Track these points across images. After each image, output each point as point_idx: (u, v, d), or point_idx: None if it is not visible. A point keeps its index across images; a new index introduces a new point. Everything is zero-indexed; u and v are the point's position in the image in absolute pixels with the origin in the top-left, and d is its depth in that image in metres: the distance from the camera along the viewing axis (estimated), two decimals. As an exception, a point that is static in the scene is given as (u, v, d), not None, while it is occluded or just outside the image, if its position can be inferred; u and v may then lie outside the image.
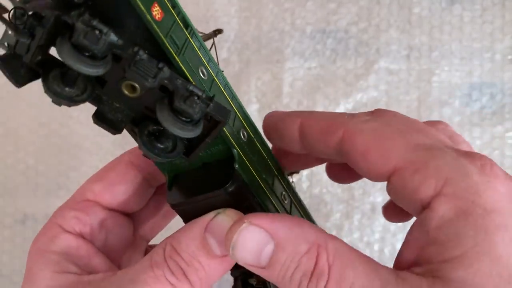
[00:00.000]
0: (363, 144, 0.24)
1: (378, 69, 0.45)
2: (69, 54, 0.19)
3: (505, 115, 0.45)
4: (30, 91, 0.46)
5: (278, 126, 0.28)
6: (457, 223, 0.20)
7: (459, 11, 0.45)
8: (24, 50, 0.20)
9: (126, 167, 0.29)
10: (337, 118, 0.26)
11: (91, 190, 0.28)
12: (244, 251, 0.23)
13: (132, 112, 0.23)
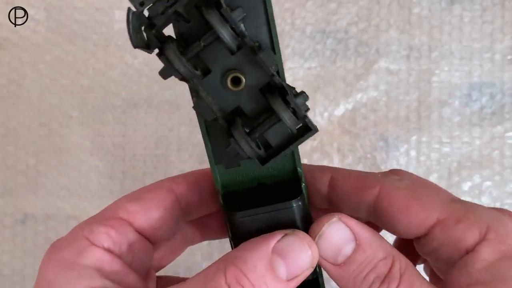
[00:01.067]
0: (403, 199, 0.26)
1: (378, 69, 0.45)
2: (219, 20, 0.20)
3: (504, 115, 0.45)
4: (30, 91, 0.46)
5: (307, 178, 0.28)
6: (501, 264, 0.23)
7: (459, 11, 0.45)
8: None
9: (167, 193, 0.27)
10: (370, 176, 0.28)
11: (125, 209, 0.26)
12: (327, 243, 0.24)
13: (223, 107, 0.23)
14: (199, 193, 0.28)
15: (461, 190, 0.45)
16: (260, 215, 0.24)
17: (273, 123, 0.23)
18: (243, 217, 0.24)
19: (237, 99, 0.23)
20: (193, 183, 0.28)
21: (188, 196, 0.28)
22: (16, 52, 0.46)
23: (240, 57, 0.22)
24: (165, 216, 0.27)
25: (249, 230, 0.24)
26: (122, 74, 0.46)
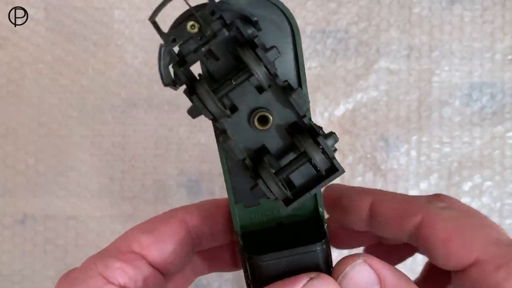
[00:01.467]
0: (445, 231, 0.25)
1: (378, 69, 0.45)
2: (255, 60, 0.21)
3: (505, 115, 0.45)
4: (30, 91, 0.46)
5: (343, 202, 0.28)
6: None
7: (460, 10, 0.45)
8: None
9: (180, 224, 0.27)
10: (414, 202, 0.27)
11: (139, 242, 0.26)
12: (350, 285, 0.23)
13: (249, 146, 0.24)
14: (212, 225, 0.28)
15: (461, 190, 0.45)
16: (283, 259, 0.23)
17: (301, 164, 0.22)
18: (266, 260, 0.23)
19: (263, 138, 0.23)
20: (206, 214, 0.28)
21: (200, 228, 0.27)
22: (15, 52, 0.46)
23: (270, 96, 0.23)
24: (178, 249, 0.26)
25: (272, 274, 0.23)
26: (121, 74, 0.46)
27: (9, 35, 0.46)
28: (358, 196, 0.28)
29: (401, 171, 0.45)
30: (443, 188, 0.45)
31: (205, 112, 0.21)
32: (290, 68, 0.24)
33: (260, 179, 0.22)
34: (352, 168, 0.45)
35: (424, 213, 0.26)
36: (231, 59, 0.22)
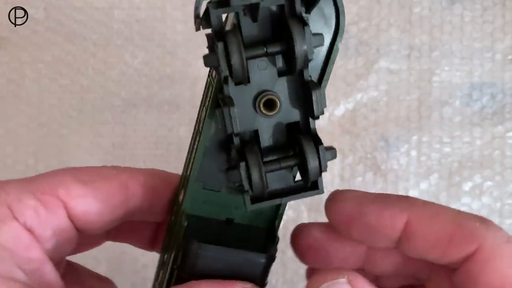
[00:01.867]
0: (504, 274, 0.19)
1: (378, 69, 0.45)
2: (301, 33, 0.19)
3: (505, 115, 0.45)
4: (30, 91, 0.46)
5: (367, 218, 0.22)
6: None
7: (460, 10, 0.45)
8: None
9: (120, 189, 0.23)
10: (466, 224, 0.20)
11: (67, 189, 0.22)
12: None
13: (244, 126, 0.21)
14: (154, 200, 0.25)
15: (461, 190, 0.45)
16: (225, 257, 0.21)
17: (288, 165, 0.21)
18: (207, 251, 0.21)
19: (259, 124, 0.21)
20: (153, 186, 0.24)
21: (141, 199, 0.24)
22: (15, 51, 0.46)
23: (287, 84, 0.21)
24: (107, 212, 0.23)
25: (207, 268, 0.21)
26: (121, 73, 0.46)
27: (8, 35, 0.46)
28: (390, 212, 0.21)
29: (401, 171, 0.45)
30: (444, 188, 0.45)
31: (223, 66, 0.19)
32: (316, 66, 0.22)
33: (244, 162, 0.20)
34: (352, 168, 0.45)
35: (481, 242, 0.20)
36: (268, 28, 0.20)
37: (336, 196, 0.23)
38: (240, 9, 0.19)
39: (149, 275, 0.45)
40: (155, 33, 0.46)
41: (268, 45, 0.20)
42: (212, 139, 0.22)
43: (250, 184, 0.20)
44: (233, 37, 0.19)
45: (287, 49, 0.20)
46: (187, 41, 0.46)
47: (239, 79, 0.20)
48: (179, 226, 0.23)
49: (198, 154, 0.23)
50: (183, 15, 0.46)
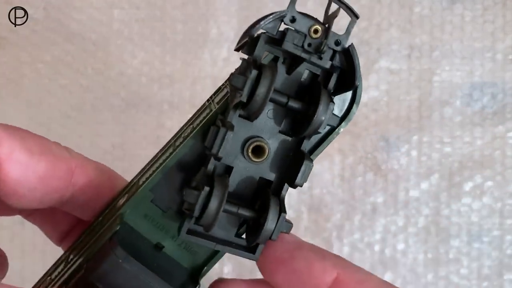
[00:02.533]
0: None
1: (378, 68, 0.45)
2: (327, 102, 0.20)
3: (506, 115, 0.45)
4: (29, 91, 0.45)
5: (298, 264, 0.21)
6: None
7: (460, 10, 0.45)
8: None
9: (65, 173, 0.21)
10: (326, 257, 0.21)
11: (10, 151, 0.20)
12: None
13: (227, 158, 0.22)
14: (91, 197, 0.23)
15: (462, 190, 0.45)
16: (143, 278, 0.20)
17: (243, 215, 0.21)
18: (129, 265, 0.20)
19: (237, 164, 0.21)
20: (97, 184, 0.23)
21: (80, 193, 0.22)
22: (15, 51, 0.45)
23: (283, 144, 0.21)
24: (41, 192, 0.21)
25: (117, 281, 0.20)
26: (121, 73, 0.45)
27: (8, 34, 0.45)
28: (322, 264, 0.21)
29: (402, 171, 0.45)
30: (444, 188, 0.45)
31: (246, 92, 0.19)
32: (312, 140, 0.22)
33: (209, 188, 0.19)
34: (353, 168, 0.45)
35: (338, 272, 0.21)
36: (295, 85, 0.21)
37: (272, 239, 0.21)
38: (285, 55, 0.20)
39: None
40: (155, 33, 0.45)
41: (291, 98, 0.20)
42: (184, 157, 0.22)
43: (201, 212, 0.19)
44: (269, 73, 0.19)
45: (305, 111, 0.20)
46: (187, 41, 0.45)
47: (251, 112, 0.20)
48: (107, 229, 0.22)
49: (165, 165, 0.22)
50: (183, 15, 0.46)
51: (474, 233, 0.44)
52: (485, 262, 0.44)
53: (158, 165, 0.22)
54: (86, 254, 0.22)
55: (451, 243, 0.44)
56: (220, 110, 0.21)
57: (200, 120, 0.22)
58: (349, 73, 0.21)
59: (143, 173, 0.23)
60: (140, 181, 0.23)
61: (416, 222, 0.45)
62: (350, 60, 0.21)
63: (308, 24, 0.22)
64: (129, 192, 0.23)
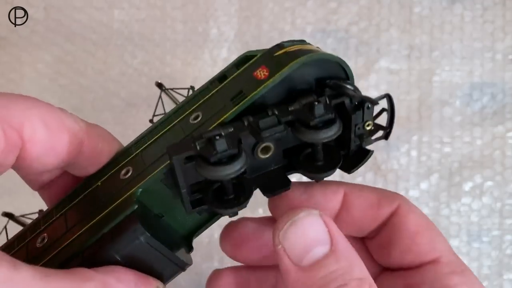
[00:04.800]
0: (416, 224, 0.26)
1: (378, 68, 0.45)
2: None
3: (506, 115, 0.45)
4: (29, 91, 0.45)
5: (316, 197, 0.26)
6: None
7: (460, 10, 0.45)
8: None
9: (75, 146, 0.23)
10: (386, 192, 0.27)
11: (33, 131, 0.21)
12: (297, 236, 0.22)
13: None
14: (91, 161, 0.25)
15: (462, 190, 0.45)
16: (155, 251, 0.22)
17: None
18: (146, 239, 0.22)
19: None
20: (98, 151, 0.25)
21: (83, 158, 0.24)
22: (15, 51, 0.45)
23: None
24: (51, 164, 0.23)
25: (133, 254, 0.22)
26: (121, 73, 0.45)
27: (8, 34, 0.45)
28: (331, 189, 0.26)
29: (402, 171, 0.45)
30: (444, 188, 0.45)
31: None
32: None
33: (232, 164, 0.21)
34: (353, 168, 0.45)
35: (400, 202, 0.26)
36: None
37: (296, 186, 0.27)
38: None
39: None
40: (155, 33, 0.46)
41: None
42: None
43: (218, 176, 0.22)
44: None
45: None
46: (187, 41, 0.46)
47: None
48: (122, 205, 0.23)
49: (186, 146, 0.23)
50: (183, 15, 0.46)
51: (474, 233, 0.44)
52: (485, 262, 0.44)
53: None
54: (98, 227, 0.23)
55: (450, 243, 0.44)
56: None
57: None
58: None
59: (146, 145, 0.25)
60: (146, 157, 0.24)
61: (416, 222, 0.45)
62: None
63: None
64: (134, 166, 0.24)
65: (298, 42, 0.25)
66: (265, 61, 0.24)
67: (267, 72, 0.23)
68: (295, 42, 0.25)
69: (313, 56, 0.23)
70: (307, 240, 0.22)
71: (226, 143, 0.21)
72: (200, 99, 0.25)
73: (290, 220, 0.22)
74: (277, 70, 0.23)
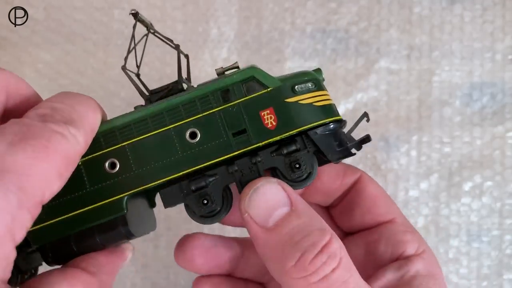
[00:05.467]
0: (375, 190, 0.31)
1: (378, 69, 0.45)
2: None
3: (505, 115, 0.45)
4: (29, 91, 0.45)
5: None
6: (428, 280, 0.27)
7: (460, 10, 0.45)
8: None
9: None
10: (351, 166, 0.32)
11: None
12: (260, 201, 0.25)
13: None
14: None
15: (462, 190, 0.45)
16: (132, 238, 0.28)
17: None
18: (132, 236, 0.27)
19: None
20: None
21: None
22: (15, 51, 0.46)
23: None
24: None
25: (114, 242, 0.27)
26: (121, 74, 0.45)
27: (8, 34, 0.46)
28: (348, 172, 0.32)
29: (402, 171, 0.45)
30: (444, 188, 0.45)
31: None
32: None
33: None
34: (352, 168, 0.45)
35: (362, 173, 0.32)
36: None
37: None
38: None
39: (149, 275, 0.45)
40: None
41: None
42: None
43: None
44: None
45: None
46: (187, 41, 0.46)
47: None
48: (110, 206, 0.26)
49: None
50: (183, 15, 0.46)
51: (474, 233, 0.45)
52: (485, 261, 0.44)
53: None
54: (87, 218, 0.26)
55: (450, 243, 0.45)
56: None
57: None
58: None
59: (134, 140, 0.27)
60: (134, 155, 0.27)
61: (416, 222, 0.45)
62: None
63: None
64: (120, 161, 0.26)
65: (311, 81, 0.27)
66: (274, 105, 0.26)
67: (275, 122, 0.26)
68: (309, 80, 0.27)
69: (320, 122, 0.27)
70: (269, 203, 0.25)
71: (212, 199, 0.27)
72: (198, 109, 0.27)
73: (252, 189, 0.25)
74: (285, 130, 0.26)
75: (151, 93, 0.30)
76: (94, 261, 0.26)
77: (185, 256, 0.30)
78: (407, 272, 0.28)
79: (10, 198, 0.20)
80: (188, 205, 0.27)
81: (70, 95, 0.25)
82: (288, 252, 0.23)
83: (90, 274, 0.25)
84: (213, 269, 0.31)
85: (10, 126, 0.21)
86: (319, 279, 0.23)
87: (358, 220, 0.31)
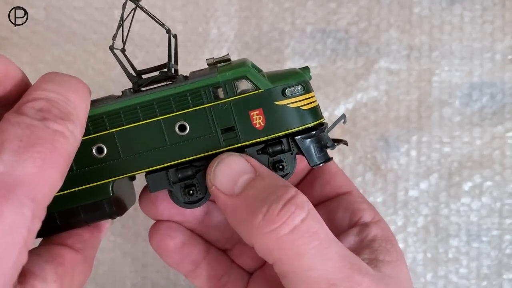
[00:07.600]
0: (336, 169, 0.34)
1: (378, 69, 0.45)
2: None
3: (505, 115, 0.45)
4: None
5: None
6: (386, 243, 0.29)
7: (460, 10, 0.45)
8: None
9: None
10: None
11: None
12: (224, 171, 0.26)
13: None
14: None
15: (461, 190, 0.45)
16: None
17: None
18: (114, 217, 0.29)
19: None
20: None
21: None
22: (15, 52, 0.46)
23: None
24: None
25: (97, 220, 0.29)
26: (121, 74, 0.45)
27: (8, 34, 0.46)
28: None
29: (401, 171, 0.45)
30: (443, 188, 0.45)
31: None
32: None
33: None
34: (352, 168, 0.45)
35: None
36: None
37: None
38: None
39: (149, 275, 0.45)
40: (155, 33, 0.46)
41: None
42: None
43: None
44: None
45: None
46: (187, 41, 0.46)
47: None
48: (97, 189, 0.27)
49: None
50: (183, 15, 0.46)
51: (473, 233, 0.45)
52: (484, 261, 0.44)
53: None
54: (74, 198, 0.27)
55: (450, 243, 0.45)
56: None
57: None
58: None
59: (122, 128, 0.27)
60: (121, 142, 0.27)
61: (416, 222, 0.45)
62: None
63: None
64: (108, 146, 0.27)
65: (301, 84, 0.28)
66: (264, 106, 0.27)
67: (263, 123, 0.27)
68: (298, 84, 0.28)
69: (306, 126, 0.28)
70: (233, 172, 0.26)
71: (197, 189, 0.28)
72: (189, 103, 0.27)
73: (215, 163, 0.26)
74: (272, 131, 0.27)
75: (139, 73, 0.30)
76: (80, 237, 0.27)
77: (149, 198, 0.31)
78: (366, 236, 0.30)
79: (25, 213, 0.20)
80: (172, 191, 0.28)
81: (61, 80, 0.25)
82: (255, 209, 0.24)
83: (76, 251, 0.26)
84: (175, 216, 0.32)
85: (11, 128, 0.21)
86: (289, 231, 0.24)
87: (318, 192, 0.33)
